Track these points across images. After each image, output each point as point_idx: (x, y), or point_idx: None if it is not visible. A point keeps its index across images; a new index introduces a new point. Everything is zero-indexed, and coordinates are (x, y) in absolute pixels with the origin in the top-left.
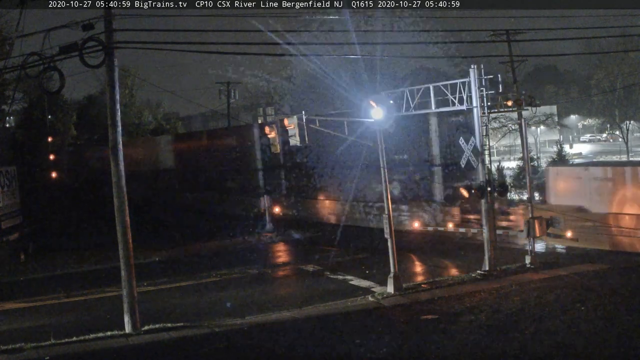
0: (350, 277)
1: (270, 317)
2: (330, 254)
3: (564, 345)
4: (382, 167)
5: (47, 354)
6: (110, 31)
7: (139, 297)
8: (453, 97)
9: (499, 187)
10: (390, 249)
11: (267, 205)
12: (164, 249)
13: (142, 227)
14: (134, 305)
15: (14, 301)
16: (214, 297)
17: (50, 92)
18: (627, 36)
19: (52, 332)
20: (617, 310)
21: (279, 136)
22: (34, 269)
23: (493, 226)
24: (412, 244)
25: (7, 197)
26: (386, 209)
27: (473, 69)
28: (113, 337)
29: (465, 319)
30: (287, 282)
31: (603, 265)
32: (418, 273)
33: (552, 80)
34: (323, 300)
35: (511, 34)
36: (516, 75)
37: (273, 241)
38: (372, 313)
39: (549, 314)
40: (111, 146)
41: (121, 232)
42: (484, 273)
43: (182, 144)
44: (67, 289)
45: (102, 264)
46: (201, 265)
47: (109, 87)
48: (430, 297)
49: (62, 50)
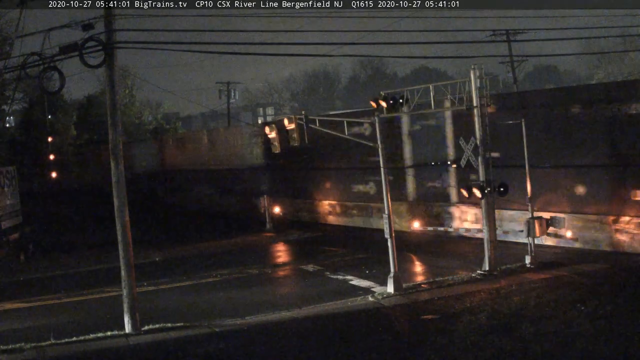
0: (350, 277)
1: (270, 317)
2: (330, 254)
3: (564, 345)
4: (382, 167)
5: (47, 354)
6: (110, 31)
7: (139, 297)
8: (453, 97)
9: (499, 186)
10: (390, 249)
11: (267, 205)
12: (164, 249)
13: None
14: (134, 305)
15: (14, 301)
16: (214, 297)
17: (50, 92)
18: (627, 36)
19: (52, 332)
20: (617, 310)
21: (279, 136)
22: (34, 269)
23: (493, 226)
24: (412, 244)
25: (7, 197)
26: (386, 209)
27: (473, 69)
28: (113, 337)
29: (465, 319)
30: (287, 282)
31: (603, 265)
32: (418, 273)
33: (552, 80)
34: (323, 300)
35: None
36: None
37: (273, 241)
38: (372, 313)
39: (549, 314)
40: (111, 146)
41: (121, 232)
42: (484, 273)
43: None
44: (67, 289)
45: (102, 264)
46: (201, 265)
47: (108, 87)
48: (430, 297)
49: (62, 50)
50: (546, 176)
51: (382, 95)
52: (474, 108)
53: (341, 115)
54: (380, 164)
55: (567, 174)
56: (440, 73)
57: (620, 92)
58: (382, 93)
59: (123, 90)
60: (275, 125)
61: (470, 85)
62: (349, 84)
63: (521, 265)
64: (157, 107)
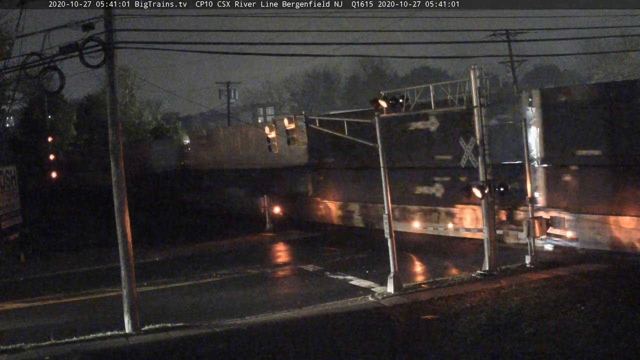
0: (350, 277)
1: (270, 317)
2: (330, 254)
3: (564, 345)
4: (382, 167)
5: (47, 354)
6: (110, 31)
7: (139, 297)
8: (453, 97)
9: (500, 186)
10: (390, 249)
11: (267, 205)
12: (164, 249)
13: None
14: (134, 305)
15: (14, 301)
16: (214, 297)
17: (50, 92)
18: (627, 36)
19: (52, 332)
20: (617, 310)
21: (279, 136)
22: (34, 269)
23: (493, 226)
24: (412, 243)
25: (7, 197)
26: (386, 209)
27: (473, 69)
28: (113, 337)
29: (465, 319)
30: (287, 282)
31: (603, 265)
32: (418, 273)
33: (552, 80)
34: (323, 300)
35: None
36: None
37: (273, 241)
38: (371, 313)
39: (549, 314)
40: (111, 146)
41: (121, 232)
42: (484, 273)
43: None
44: (67, 289)
45: (102, 264)
46: (201, 265)
47: (109, 87)
48: (430, 297)
49: (62, 50)
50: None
51: (382, 95)
52: (473, 108)
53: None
54: (381, 164)
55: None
56: (440, 73)
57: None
58: (382, 93)
59: (123, 90)
60: (275, 126)
61: (470, 85)
62: (349, 84)
63: (521, 265)
64: (157, 107)
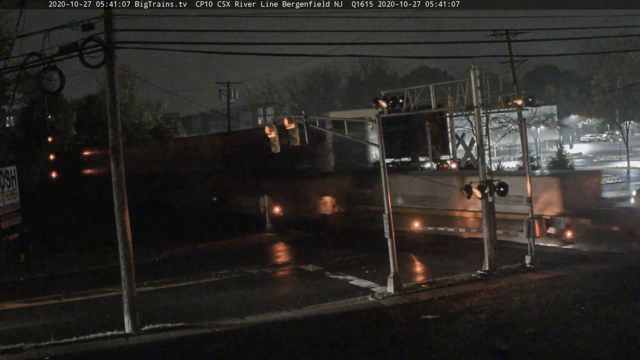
0: (351, 277)
1: (270, 317)
2: (330, 254)
3: (564, 345)
4: (382, 167)
5: (47, 354)
6: (110, 31)
7: (139, 297)
8: (453, 97)
9: (499, 186)
10: (390, 249)
11: (267, 205)
12: (164, 249)
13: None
14: (134, 305)
15: (14, 301)
16: (214, 297)
17: (50, 92)
18: (627, 36)
19: (52, 332)
20: (617, 310)
21: (279, 136)
22: (34, 269)
23: (493, 226)
24: (412, 243)
25: (7, 197)
26: (386, 209)
27: (473, 69)
28: (113, 337)
29: (465, 319)
30: (287, 282)
31: (603, 265)
32: (418, 273)
33: (552, 80)
34: (323, 300)
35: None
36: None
37: (273, 241)
38: (372, 313)
39: (549, 314)
40: (111, 146)
41: (121, 232)
42: (484, 273)
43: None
44: (67, 289)
45: (102, 264)
46: (201, 265)
47: (109, 87)
48: (430, 297)
49: (62, 50)
50: None
51: (382, 95)
52: (473, 108)
53: (342, 115)
54: (381, 164)
55: None
56: (441, 73)
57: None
58: (382, 93)
59: (123, 90)
60: (275, 126)
61: (470, 85)
62: (349, 84)
63: (521, 265)
64: (157, 107)
